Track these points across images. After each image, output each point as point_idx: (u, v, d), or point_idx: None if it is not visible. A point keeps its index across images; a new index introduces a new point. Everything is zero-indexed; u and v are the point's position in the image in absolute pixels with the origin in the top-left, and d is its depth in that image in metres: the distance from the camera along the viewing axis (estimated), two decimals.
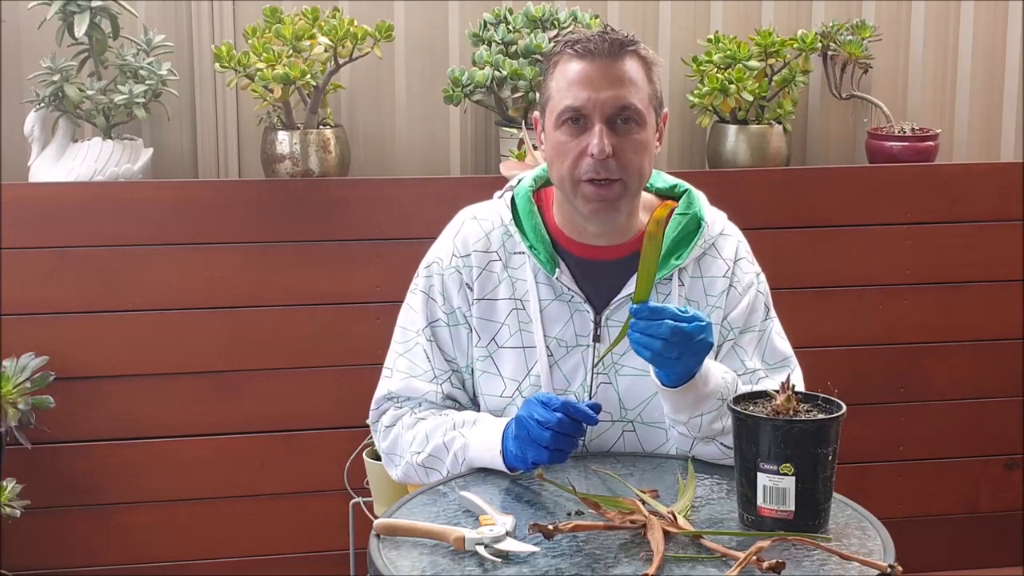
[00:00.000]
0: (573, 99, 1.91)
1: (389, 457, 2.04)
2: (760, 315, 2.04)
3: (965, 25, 3.46)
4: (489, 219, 2.05)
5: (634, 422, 1.99)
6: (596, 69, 1.91)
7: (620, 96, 1.91)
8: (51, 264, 2.91)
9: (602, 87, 1.90)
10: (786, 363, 2.04)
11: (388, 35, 2.99)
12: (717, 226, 2.05)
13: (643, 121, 1.93)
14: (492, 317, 2.01)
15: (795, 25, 3.36)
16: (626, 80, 1.92)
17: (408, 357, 2.04)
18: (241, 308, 3.00)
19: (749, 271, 2.05)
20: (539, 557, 1.58)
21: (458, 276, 2.02)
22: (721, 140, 3.25)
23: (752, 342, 2.02)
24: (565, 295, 1.99)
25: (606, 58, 1.91)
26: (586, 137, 1.91)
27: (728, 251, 2.04)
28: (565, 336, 1.98)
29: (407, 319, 2.07)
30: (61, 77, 2.89)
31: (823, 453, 1.63)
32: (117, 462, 2.99)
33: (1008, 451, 3.38)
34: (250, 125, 3.19)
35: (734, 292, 2.02)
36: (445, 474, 1.94)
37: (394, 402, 2.04)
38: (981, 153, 3.52)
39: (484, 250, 2.03)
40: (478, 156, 3.33)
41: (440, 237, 2.10)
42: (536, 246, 2.00)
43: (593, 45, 1.92)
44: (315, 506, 3.07)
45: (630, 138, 1.92)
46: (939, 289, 3.29)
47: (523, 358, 1.99)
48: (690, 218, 2.02)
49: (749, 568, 1.52)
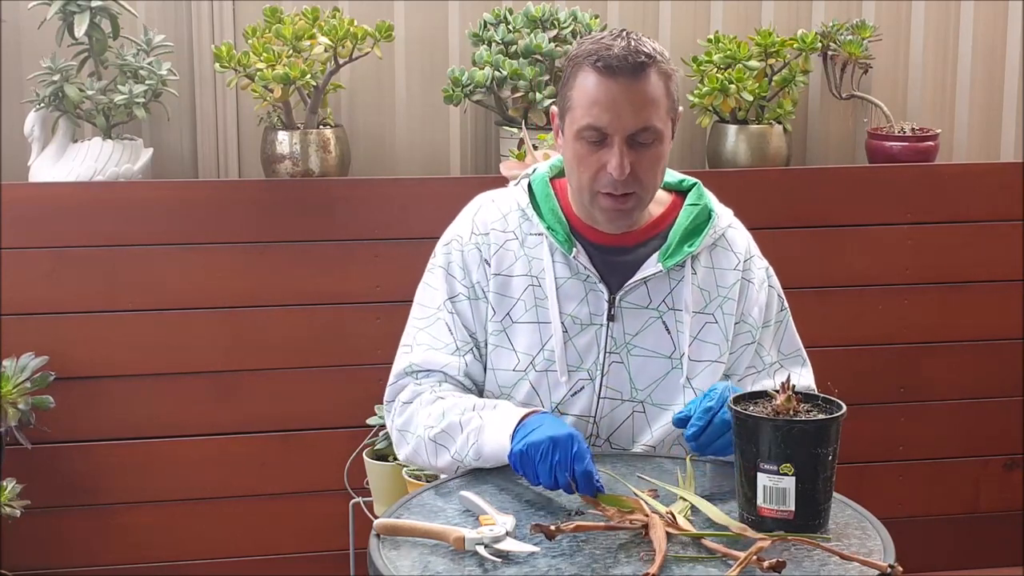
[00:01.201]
0: (595, 119, 1.92)
1: (401, 434, 2.02)
2: (776, 307, 2.11)
3: (965, 25, 3.46)
4: (506, 203, 2.09)
5: (644, 402, 2.02)
6: (619, 91, 1.91)
7: (641, 119, 1.92)
8: (51, 264, 2.91)
9: (624, 110, 1.91)
10: (799, 354, 2.13)
11: (388, 35, 2.99)
12: (725, 219, 2.10)
13: (661, 138, 1.96)
14: (507, 293, 2.03)
15: (795, 25, 3.36)
16: (648, 102, 1.92)
17: (429, 332, 2.04)
18: (241, 308, 3.01)
19: (760, 267, 2.11)
20: (539, 557, 1.58)
21: (477, 252, 2.04)
22: (721, 140, 3.25)
23: (770, 336, 2.10)
24: (581, 274, 2.02)
25: (628, 77, 1.91)
26: (605, 154, 1.93)
27: (740, 246, 2.08)
28: (580, 314, 2.01)
29: (426, 296, 2.07)
30: (61, 77, 2.89)
31: (823, 453, 1.63)
32: (117, 462, 2.99)
33: (1008, 451, 3.38)
34: (250, 125, 3.19)
35: (751, 288, 2.07)
36: (452, 455, 1.92)
37: (414, 377, 2.03)
38: (981, 153, 3.52)
39: (502, 229, 2.06)
40: (478, 156, 3.33)
41: (458, 218, 2.12)
42: (554, 227, 2.03)
43: (616, 62, 1.91)
44: (315, 506, 3.07)
45: (647, 154, 1.94)
46: (939, 289, 3.29)
47: (538, 333, 2.00)
48: (701, 209, 2.06)
49: (749, 568, 1.52)
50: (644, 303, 2.01)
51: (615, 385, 2.01)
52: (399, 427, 2.03)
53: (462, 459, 1.91)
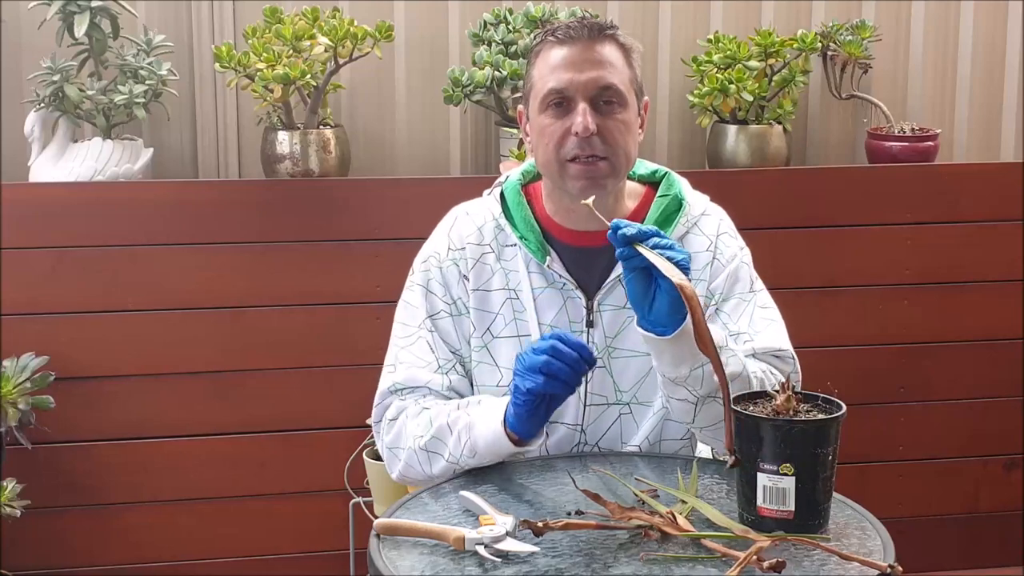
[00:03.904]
0: (556, 81, 1.94)
1: (392, 452, 2.01)
2: (745, 285, 2.04)
3: (965, 25, 3.46)
4: (480, 214, 2.08)
5: (630, 404, 2.01)
6: (576, 52, 1.95)
7: (601, 76, 1.94)
8: (51, 264, 2.91)
9: (584, 68, 1.94)
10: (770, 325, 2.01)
11: (388, 35, 2.99)
12: (698, 207, 2.08)
13: (625, 102, 1.96)
14: (487, 307, 2.03)
15: (795, 25, 3.36)
16: (606, 62, 1.95)
17: (411, 351, 2.03)
18: (241, 308, 3.01)
19: (732, 244, 2.07)
20: (539, 557, 1.58)
21: (455, 268, 2.04)
22: (721, 140, 3.25)
23: (736, 309, 2.02)
24: (557, 283, 2.01)
25: (585, 40, 1.96)
26: (570, 118, 1.94)
27: (710, 228, 2.06)
28: (559, 323, 2.00)
29: (406, 315, 2.06)
30: (61, 77, 2.89)
31: (823, 453, 1.63)
32: (117, 462, 2.99)
33: (1008, 451, 3.38)
34: (250, 125, 3.19)
35: (717, 264, 2.04)
36: (446, 459, 1.92)
37: (398, 395, 2.02)
38: (981, 153, 3.52)
39: (477, 243, 2.05)
40: (478, 156, 3.33)
41: (433, 234, 2.11)
42: (526, 236, 2.02)
43: (572, 31, 1.96)
44: (315, 506, 3.07)
45: (613, 118, 1.95)
46: (939, 289, 3.29)
47: (519, 347, 1.99)
48: (671, 199, 2.05)
49: (749, 568, 1.52)
50: (621, 303, 1.98)
51: (599, 391, 2.00)
52: (388, 445, 2.02)
53: (457, 460, 1.91)
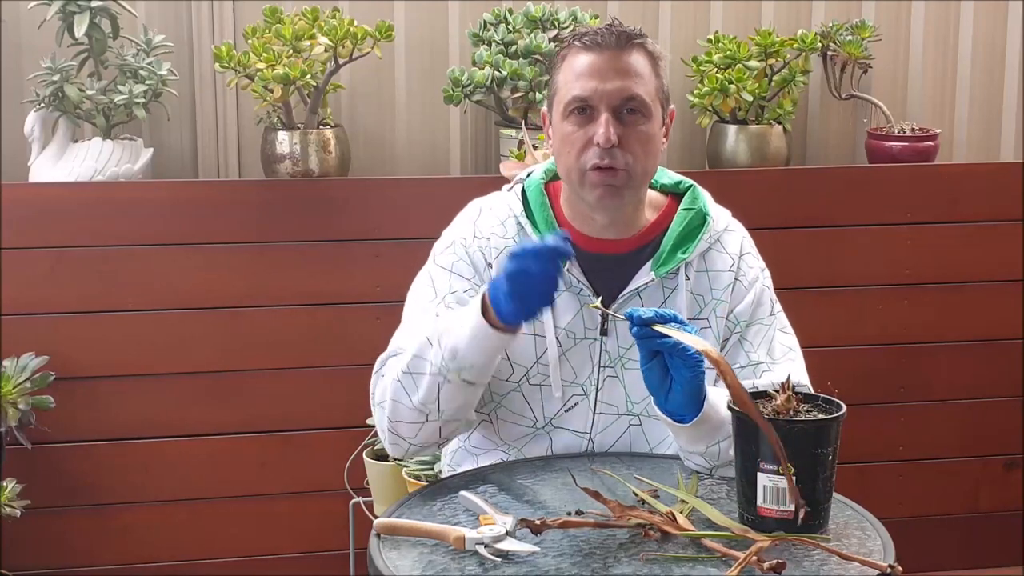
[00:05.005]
0: (580, 89, 1.92)
1: (381, 407, 1.92)
2: (766, 309, 2.04)
3: (965, 25, 3.46)
4: (502, 209, 2.06)
5: (640, 416, 1.99)
6: (603, 60, 1.93)
7: (626, 87, 1.92)
8: (51, 264, 2.91)
9: (609, 77, 1.92)
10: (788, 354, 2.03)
11: (388, 35, 2.99)
12: (722, 222, 2.06)
13: (649, 113, 1.95)
14: None
15: (795, 25, 3.36)
16: (632, 72, 1.93)
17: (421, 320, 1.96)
18: (241, 308, 3.01)
19: (755, 266, 2.06)
20: (539, 557, 1.58)
21: (481, 255, 2.01)
22: (721, 140, 3.25)
23: (758, 335, 2.02)
24: (575, 287, 1.99)
25: (613, 49, 1.93)
26: (592, 127, 1.92)
27: (733, 246, 2.05)
28: (575, 328, 1.98)
29: (423, 293, 2.01)
30: (61, 77, 2.89)
31: (823, 453, 1.62)
32: (117, 462, 2.99)
33: (1008, 451, 3.38)
34: (250, 125, 3.19)
35: (740, 286, 2.02)
36: (429, 372, 1.83)
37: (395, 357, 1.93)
38: (981, 153, 3.52)
39: (502, 235, 2.03)
40: (478, 156, 3.33)
41: (456, 221, 2.08)
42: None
43: (600, 37, 1.93)
44: (315, 506, 3.07)
45: (636, 129, 1.93)
46: (939, 289, 3.29)
47: (532, 345, 1.98)
48: (695, 213, 2.03)
49: (749, 568, 1.52)
50: None
51: (610, 400, 1.98)
52: (378, 400, 1.94)
53: (439, 369, 1.82)
